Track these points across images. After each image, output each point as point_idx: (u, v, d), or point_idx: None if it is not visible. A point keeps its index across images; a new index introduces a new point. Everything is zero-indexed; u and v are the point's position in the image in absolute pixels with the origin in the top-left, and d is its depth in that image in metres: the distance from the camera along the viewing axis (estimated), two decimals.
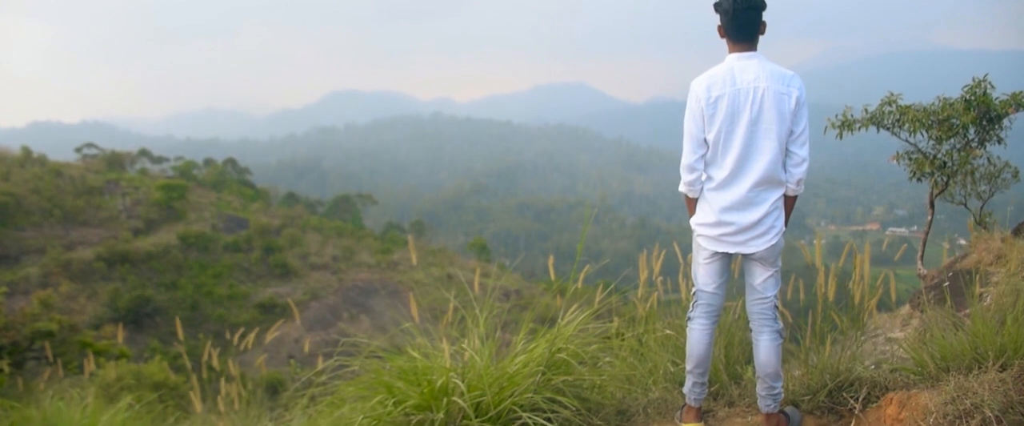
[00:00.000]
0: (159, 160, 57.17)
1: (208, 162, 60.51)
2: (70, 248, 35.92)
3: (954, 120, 5.79)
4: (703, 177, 3.39)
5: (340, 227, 48.96)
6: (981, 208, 6.23)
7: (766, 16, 3.31)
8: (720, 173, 3.31)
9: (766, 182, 3.26)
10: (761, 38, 3.33)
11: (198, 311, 35.23)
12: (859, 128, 6.14)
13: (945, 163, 5.97)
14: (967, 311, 4.44)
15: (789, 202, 3.41)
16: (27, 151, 42.31)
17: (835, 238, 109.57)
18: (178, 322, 6.03)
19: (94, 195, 41.20)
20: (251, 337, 5.21)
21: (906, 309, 5.56)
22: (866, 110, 6.10)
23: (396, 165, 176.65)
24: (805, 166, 3.31)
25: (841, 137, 6.20)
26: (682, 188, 3.48)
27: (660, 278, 4.83)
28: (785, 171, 3.30)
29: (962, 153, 5.87)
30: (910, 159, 6.23)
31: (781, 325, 3.41)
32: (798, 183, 3.33)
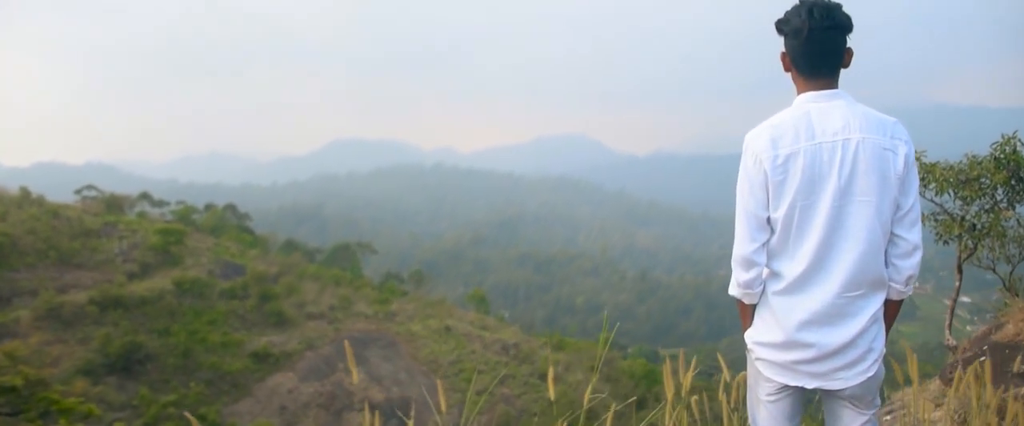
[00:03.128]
0: (160, 204, 56.97)
1: (209, 207, 60.34)
2: (63, 291, 35.40)
3: (984, 179, 5.45)
4: (765, 273, 2.38)
5: (338, 276, 48.48)
6: (1011, 273, 5.87)
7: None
8: (793, 269, 2.29)
9: (863, 283, 2.27)
10: (752, 90, 2.39)
11: (190, 358, 34.54)
12: None
13: (974, 225, 5.62)
14: (1011, 392, 4.05)
15: (892, 309, 2.40)
16: (25, 191, 42.11)
17: None
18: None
19: (91, 237, 40.82)
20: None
21: (936, 384, 5.16)
22: None
23: (397, 214, 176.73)
24: (918, 257, 2.32)
25: None
26: (734, 291, 2.47)
27: (694, 397, 3.41)
28: (888, 264, 2.33)
29: (992, 215, 5.52)
30: (936, 221, 5.89)
31: None
32: (908, 282, 2.34)
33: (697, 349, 72.60)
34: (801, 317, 2.29)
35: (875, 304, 2.30)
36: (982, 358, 4.93)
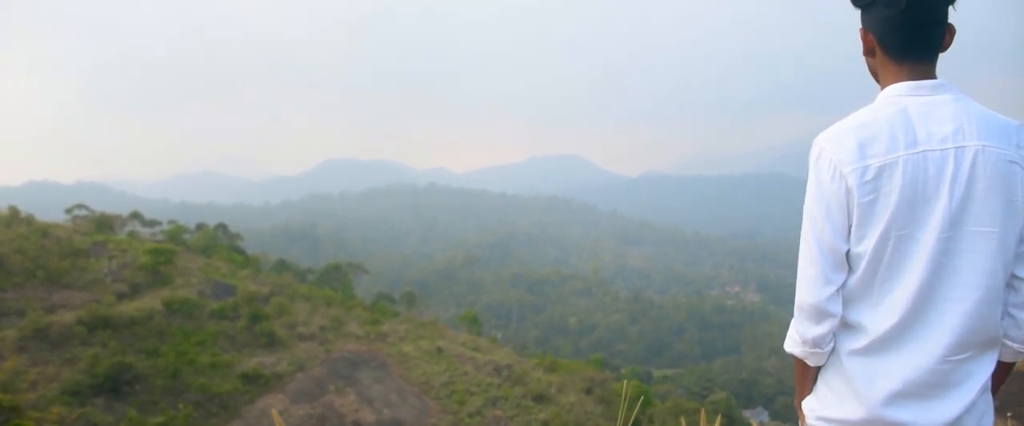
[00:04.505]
0: (151, 223, 56.69)
1: (200, 226, 60.05)
2: (51, 311, 35.04)
3: None
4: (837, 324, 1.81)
5: (329, 296, 48.20)
6: None
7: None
8: (880, 321, 1.73)
9: (975, 342, 1.71)
10: (743, 110, 1.93)
11: (179, 379, 34.16)
12: None
13: None
14: None
15: (1002, 373, 1.84)
16: (14, 210, 41.86)
17: None
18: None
19: (80, 257, 40.50)
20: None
21: None
22: None
23: (390, 234, 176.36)
24: None
25: None
26: (794, 348, 1.90)
27: None
28: (1003, 315, 1.77)
29: None
30: None
31: None
32: None
33: (690, 370, 72.37)
34: (890, 387, 1.72)
35: (986, 369, 1.74)
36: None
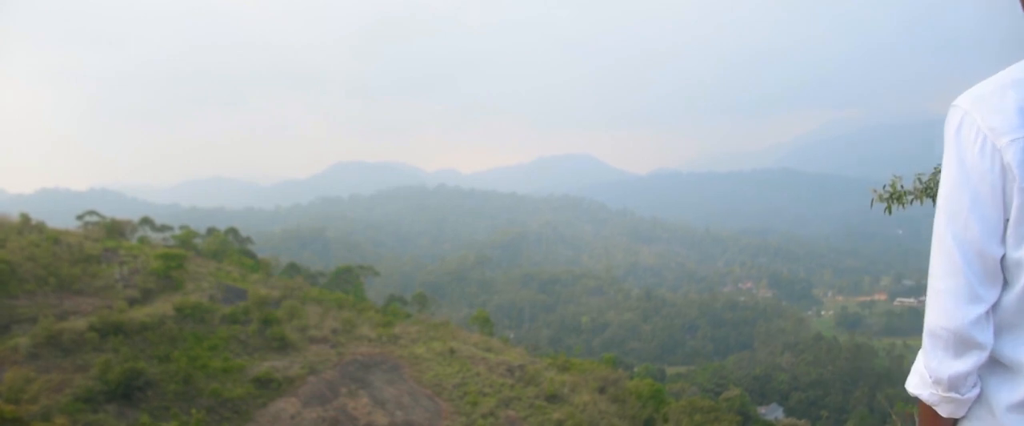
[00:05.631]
0: (162, 229, 56.78)
1: (211, 231, 60.11)
2: (63, 317, 35.04)
3: None
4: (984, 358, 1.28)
5: (341, 299, 48.08)
6: None
7: (764, 81, 1.39)
8: None
9: None
10: (751, 108, 1.48)
11: (191, 385, 34.07)
12: (912, 201, 5.31)
13: None
14: None
15: None
16: (26, 218, 41.98)
17: (842, 309, 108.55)
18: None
19: (91, 263, 40.54)
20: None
21: None
22: (920, 180, 5.30)
23: (400, 236, 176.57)
24: None
25: (890, 212, 5.41)
26: (920, 389, 1.37)
27: None
28: None
29: None
30: None
31: None
32: None
33: (704, 367, 72.12)
34: None
35: None
36: None
